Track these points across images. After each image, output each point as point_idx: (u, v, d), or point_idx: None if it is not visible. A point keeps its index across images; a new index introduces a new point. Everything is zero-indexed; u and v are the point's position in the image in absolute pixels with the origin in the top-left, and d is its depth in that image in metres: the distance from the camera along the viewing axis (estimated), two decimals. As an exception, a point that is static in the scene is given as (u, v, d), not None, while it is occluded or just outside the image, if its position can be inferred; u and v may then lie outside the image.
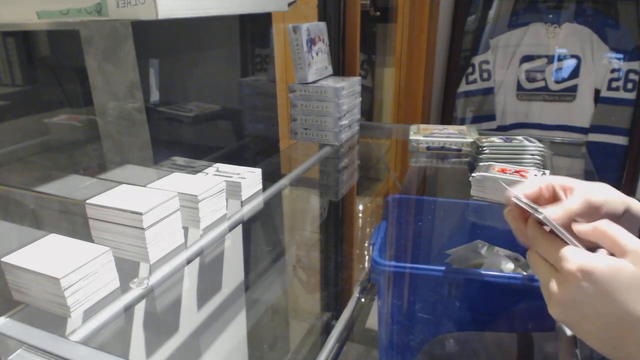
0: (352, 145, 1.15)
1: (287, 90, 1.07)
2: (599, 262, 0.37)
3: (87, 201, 0.55)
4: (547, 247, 0.42)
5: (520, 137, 1.00)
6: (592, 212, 0.46)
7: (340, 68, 1.25)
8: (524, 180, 0.80)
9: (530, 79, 2.02)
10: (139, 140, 0.76)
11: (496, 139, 1.00)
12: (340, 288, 1.34)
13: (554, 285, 0.40)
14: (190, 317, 0.77)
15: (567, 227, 0.43)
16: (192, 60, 0.93)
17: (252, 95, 1.14)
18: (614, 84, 1.91)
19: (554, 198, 0.49)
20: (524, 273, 0.97)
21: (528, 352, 0.72)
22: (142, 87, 0.74)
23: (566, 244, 0.41)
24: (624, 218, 0.47)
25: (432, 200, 1.11)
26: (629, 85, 1.90)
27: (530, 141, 0.97)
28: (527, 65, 2.01)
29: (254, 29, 1.13)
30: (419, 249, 1.14)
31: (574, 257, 0.38)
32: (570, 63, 1.96)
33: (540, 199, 0.50)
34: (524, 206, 0.47)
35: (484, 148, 0.97)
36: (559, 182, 0.49)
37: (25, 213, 0.64)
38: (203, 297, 0.80)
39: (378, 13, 2.10)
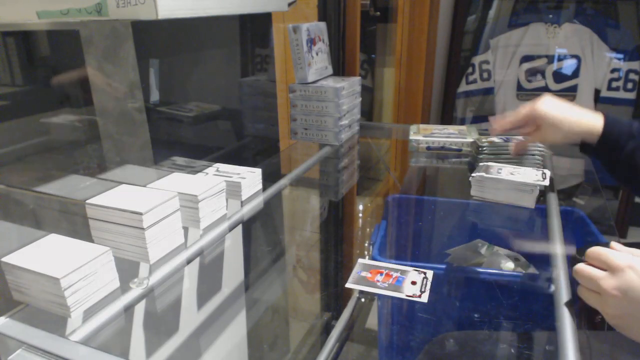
0: (352, 145, 1.15)
1: (287, 90, 1.07)
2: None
3: (87, 201, 0.55)
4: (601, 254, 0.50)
5: (520, 137, 1.00)
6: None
7: (340, 68, 1.25)
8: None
9: (530, 79, 2.02)
10: (139, 140, 0.76)
11: (496, 139, 1.00)
12: (340, 288, 1.33)
13: (607, 279, 0.47)
14: (190, 317, 0.77)
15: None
16: (192, 60, 0.93)
17: (252, 95, 1.14)
18: (614, 84, 1.92)
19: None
20: (524, 272, 0.97)
21: (528, 352, 0.72)
22: (142, 87, 0.74)
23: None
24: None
25: (432, 200, 1.11)
26: (629, 85, 1.90)
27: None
28: (527, 65, 2.01)
29: (254, 29, 1.13)
30: (419, 249, 1.14)
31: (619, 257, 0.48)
32: (570, 63, 1.96)
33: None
34: None
35: (484, 148, 0.97)
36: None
37: (25, 213, 0.64)
38: (203, 297, 0.80)
39: (378, 13, 2.10)
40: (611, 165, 0.76)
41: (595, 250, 0.51)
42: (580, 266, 0.51)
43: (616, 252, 0.49)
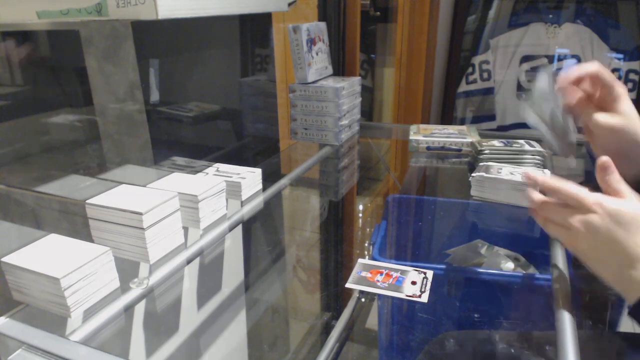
0: (352, 145, 1.15)
1: (287, 90, 1.07)
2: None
3: (87, 201, 0.55)
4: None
5: (521, 141, 1.00)
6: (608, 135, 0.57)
7: (340, 68, 1.25)
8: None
9: (531, 79, 2.02)
10: (139, 140, 0.76)
11: (496, 142, 1.00)
12: (340, 288, 1.33)
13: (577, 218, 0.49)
14: (190, 317, 0.77)
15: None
16: (192, 60, 0.93)
17: (252, 95, 1.14)
18: (614, 84, 1.91)
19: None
20: (524, 272, 0.97)
21: (528, 352, 0.72)
22: (142, 87, 0.74)
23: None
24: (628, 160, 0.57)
25: (432, 200, 1.11)
26: (629, 86, 1.90)
27: (531, 145, 0.97)
28: (527, 65, 2.01)
29: (254, 29, 1.13)
30: (419, 249, 1.14)
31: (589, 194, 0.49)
32: (570, 63, 1.96)
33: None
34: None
35: (484, 149, 0.97)
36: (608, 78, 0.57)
37: (25, 213, 0.64)
38: (203, 297, 0.80)
39: (378, 13, 2.10)
40: None
41: (560, 184, 0.52)
42: (546, 201, 0.52)
43: (584, 190, 0.50)
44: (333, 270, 1.33)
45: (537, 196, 0.55)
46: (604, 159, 0.50)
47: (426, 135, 1.08)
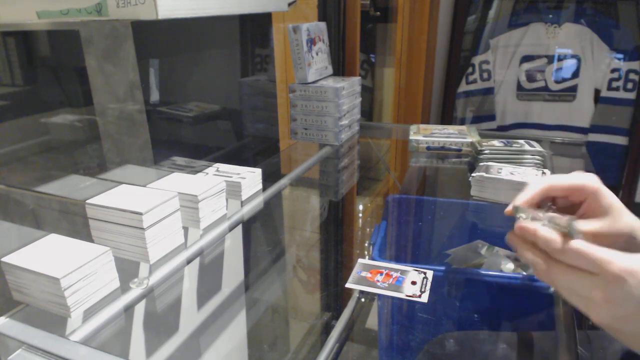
0: (352, 145, 1.15)
1: (287, 90, 1.07)
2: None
3: (87, 201, 0.55)
4: (581, 253, 0.40)
5: (521, 141, 1.00)
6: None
7: (340, 68, 1.25)
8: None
9: (530, 79, 2.02)
10: (139, 140, 0.76)
11: (496, 142, 1.00)
12: (340, 288, 1.33)
13: (596, 290, 0.40)
14: (190, 317, 0.77)
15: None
16: (192, 60, 0.93)
17: (252, 95, 1.14)
18: (614, 84, 1.91)
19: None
20: (524, 273, 0.97)
21: (528, 352, 0.72)
22: (142, 87, 0.74)
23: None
24: (626, 242, 0.45)
25: (432, 200, 1.11)
26: (629, 85, 1.90)
27: (531, 145, 0.97)
28: (527, 65, 2.01)
29: (254, 29, 1.13)
30: (419, 249, 1.14)
31: (617, 259, 0.39)
32: (570, 63, 1.96)
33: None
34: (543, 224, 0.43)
35: (484, 149, 0.97)
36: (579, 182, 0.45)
37: (25, 213, 0.64)
38: (203, 297, 0.80)
39: (378, 13, 2.10)
40: None
41: (573, 247, 0.40)
42: (551, 262, 0.42)
43: (605, 253, 0.39)
44: (333, 270, 1.33)
45: (531, 256, 0.44)
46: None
47: (426, 135, 1.08)
